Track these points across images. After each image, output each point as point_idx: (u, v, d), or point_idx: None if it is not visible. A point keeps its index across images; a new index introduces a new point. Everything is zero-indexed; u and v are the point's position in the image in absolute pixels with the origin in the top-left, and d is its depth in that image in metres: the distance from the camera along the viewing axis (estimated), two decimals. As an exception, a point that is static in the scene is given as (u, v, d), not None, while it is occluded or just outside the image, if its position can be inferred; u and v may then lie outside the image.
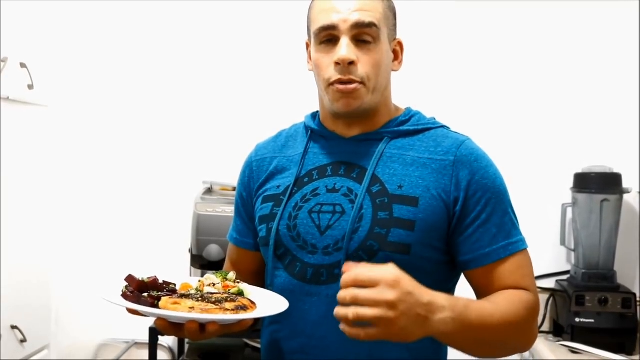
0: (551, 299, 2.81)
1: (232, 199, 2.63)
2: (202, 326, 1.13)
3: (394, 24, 1.35)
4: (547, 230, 2.84)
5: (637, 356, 2.50)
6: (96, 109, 3.03)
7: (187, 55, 2.99)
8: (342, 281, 1.05)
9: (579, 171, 2.76)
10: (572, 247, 2.82)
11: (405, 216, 1.25)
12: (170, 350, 2.99)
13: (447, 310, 1.09)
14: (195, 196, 2.70)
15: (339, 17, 1.26)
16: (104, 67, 3.01)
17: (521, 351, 1.33)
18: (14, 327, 2.62)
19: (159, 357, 2.60)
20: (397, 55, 1.37)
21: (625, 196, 2.74)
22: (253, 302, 1.20)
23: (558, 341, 2.61)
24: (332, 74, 1.28)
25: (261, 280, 1.41)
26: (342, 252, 1.26)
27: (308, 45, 1.39)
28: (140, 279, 1.22)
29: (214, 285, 1.26)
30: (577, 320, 2.56)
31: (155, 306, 1.16)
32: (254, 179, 1.45)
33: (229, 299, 1.18)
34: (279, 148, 1.45)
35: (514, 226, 1.30)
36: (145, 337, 2.57)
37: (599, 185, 2.69)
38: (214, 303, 1.15)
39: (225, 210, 2.53)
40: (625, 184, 2.71)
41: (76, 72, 3.02)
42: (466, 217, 1.27)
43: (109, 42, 3.01)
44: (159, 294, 1.19)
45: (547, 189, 2.86)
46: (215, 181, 2.80)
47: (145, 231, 3.00)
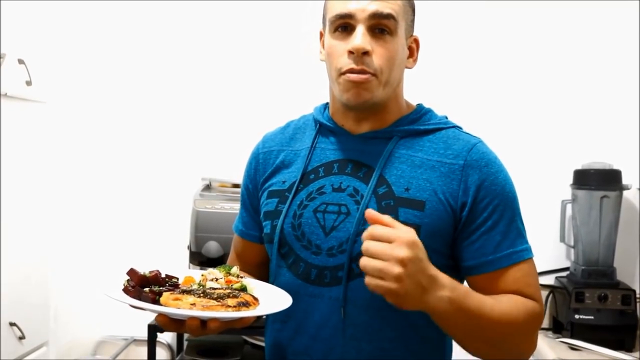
0: (551, 296, 2.81)
1: (231, 195, 2.64)
2: (204, 322, 1.11)
3: (412, 20, 1.33)
4: (547, 227, 2.84)
5: (637, 353, 2.50)
6: (94, 105, 3.02)
7: (186, 53, 2.98)
8: (363, 235, 1.07)
9: (579, 168, 2.75)
10: (572, 243, 2.82)
11: (411, 220, 1.22)
12: (169, 347, 2.99)
13: (447, 290, 1.10)
14: (194, 193, 2.70)
15: (357, 6, 1.23)
16: (102, 63, 3.01)
17: (517, 358, 1.28)
18: (12, 324, 2.61)
19: (157, 354, 2.60)
20: (413, 52, 1.35)
21: (625, 193, 2.73)
22: (256, 298, 1.18)
23: (558, 338, 2.61)
24: (344, 63, 1.25)
25: (266, 272, 1.39)
26: (345, 254, 1.24)
27: (322, 35, 1.35)
28: (142, 274, 1.20)
29: (216, 280, 1.24)
30: (576, 317, 2.56)
31: (157, 302, 1.14)
32: (260, 171, 1.42)
33: (231, 295, 1.16)
34: (287, 140, 1.42)
35: (520, 235, 1.27)
36: (144, 334, 2.57)
37: (598, 181, 2.69)
38: (215, 299, 1.13)
39: (224, 207, 2.53)
40: (625, 181, 2.71)
41: (74, 69, 3.01)
42: (472, 222, 1.25)
43: (108, 38, 3.00)
44: (161, 289, 1.17)
45: (546, 185, 2.85)
46: (214, 178, 2.79)
47: (144, 228, 2.99)
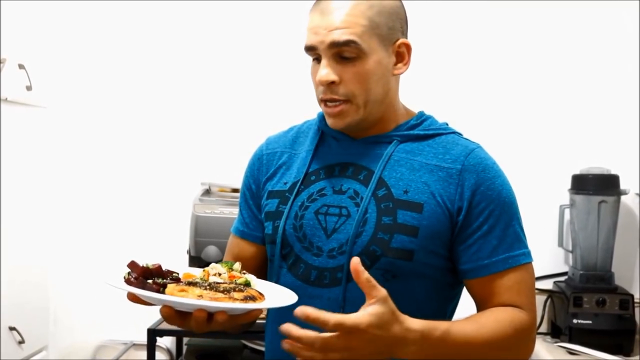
0: (549, 300, 2.82)
1: (230, 200, 2.65)
2: (210, 316, 1.10)
3: (390, 27, 1.29)
4: (545, 232, 2.85)
5: (635, 357, 2.50)
6: (95, 110, 3.03)
7: (186, 58, 2.99)
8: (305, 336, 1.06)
9: (577, 172, 2.76)
10: (570, 248, 2.82)
11: (409, 222, 1.24)
12: (169, 351, 2.99)
13: (415, 345, 1.11)
14: (193, 197, 2.71)
15: (317, 39, 1.25)
16: (102, 68, 3.02)
17: None
18: (12, 329, 2.62)
19: (157, 358, 2.60)
20: (402, 57, 1.32)
21: (623, 197, 2.74)
22: (261, 294, 1.17)
23: (556, 342, 2.62)
24: (319, 92, 1.30)
25: (262, 277, 1.38)
26: (344, 255, 1.25)
27: None
28: (144, 265, 1.18)
29: (219, 275, 1.22)
30: (574, 321, 2.57)
31: (162, 293, 1.12)
32: (263, 171, 1.43)
33: (236, 289, 1.14)
34: (290, 143, 1.43)
35: (517, 239, 1.27)
36: (144, 338, 2.57)
37: (596, 186, 2.70)
38: (222, 292, 1.12)
39: (223, 211, 2.54)
40: (622, 186, 2.71)
41: (75, 74, 3.02)
42: (468, 227, 1.26)
43: (108, 43, 3.01)
44: (164, 281, 1.15)
45: (544, 190, 2.86)
46: (214, 182, 2.80)
47: (143, 232, 3.00)
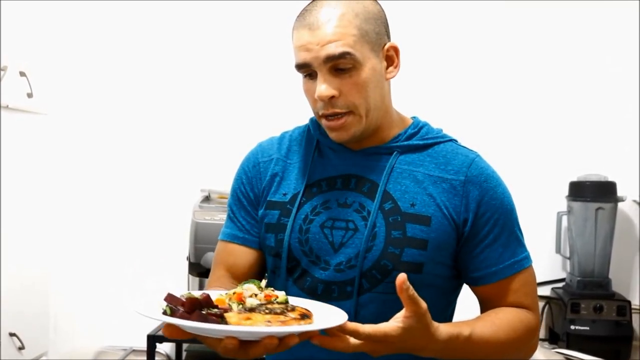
0: (547, 307, 2.83)
1: (229, 206, 2.65)
2: (279, 340, 1.04)
3: (377, 32, 1.27)
4: (543, 238, 2.86)
5: (632, 363, 2.52)
6: (95, 117, 3.05)
7: (185, 64, 3.01)
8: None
9: (574, 179, 2.78)
10: (568, 255, 2.83)
11: (418, 235, 1.25)
12: (168, 357, 2.99)
13: (436, 351, 1.16)
14: (193, 204, 2.72)
15: (310, 55, 1.23)
16: (102, 75, 3.04)
17: None
18: (12, 335, 2.62)
19: (156, 364, 2.61)
20: (392, 60, 1.30)
21: (620, 204, 2.76)
22: (308, 311, 1.11)
23: (553, 348, 2.62)
24: (318, 107, 1.27)
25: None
26: (355, 270, 1.26)
27: None
28: (188, 296, 1.07)
29: (255, 295, 1.13)
30: (572, 327, 2.58)
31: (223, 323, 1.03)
32: (260, 180, 1.40)
33: (288, 309, 1.08)
34: (284, 152, 1.41)
35: (519, 243, 1.32)
36: (143, 344, 2.58)
37: (594, 193, 2.71)
38: (280, 314, 1.05)
39: (223, 218, 2.53)
40: (620, 193, 2.73)
41: (75, 81, 3.04)
42: (474, 237, 1.28)
43: (108, 51, 3.03)
44: (216, 310, 1.06)
45: (542, 197, 2.87)
46: (213, 189, 2.81)
47: (143, 239, 3.01)
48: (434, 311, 1.17)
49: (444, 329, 1.16)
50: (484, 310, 1.33)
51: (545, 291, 2.85)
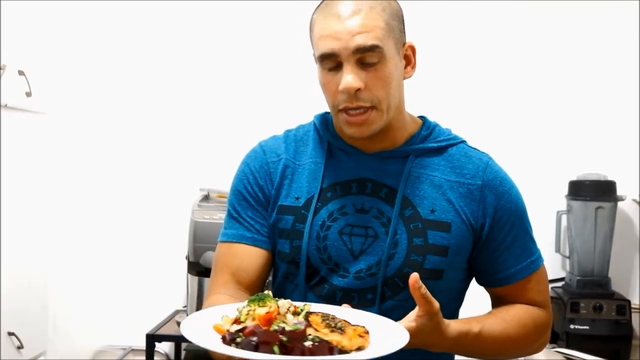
0: (546, 306, 2.82)
1: (229, 206, 2.64)
2: None
3: (400, 30, 1.26)
4: (542, 238, 2.78)
5: (632, 363, 2.52)
6: (94, 116, 3.04)
7: (185, 64, 3.01)
8: None
9: (574, 179, 2.77)
10: (567, 254, 2.83)
11: (440, 242, 1.25)
12: (167, 357, 2.99)
13: (445, 347, 1.19)
14: (192, 203, 2.71)
15: (340, 45, 1.18)
16: (102, 74, 3.03)
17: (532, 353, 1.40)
18: (11, 334, 2.62)
19: (155, 363, 2.61)
20: (410, 59, 1.29)
21: (620, 203, 2.75)
22: (364, 327, 1.05)
23: (553, 348, 2.62)
24: (339, 100, 1.22)
25: (261, 290, 1.24)
26: (375, 277, 1.24)
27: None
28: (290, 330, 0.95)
29: (288, 309, 1.03)
30: (572, 327, 2.58)
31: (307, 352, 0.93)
32: (271, 181, 1.34)
33: (339, 325, 1.02)
34: (291, 153, 1.35)
35: (533, 242, 1.35)
36: (142, 344, 2.57)
37: (593, 192, 2.71)
38: (340, 332, 1.00)
39: (222, 217, 2.53)
40: (619, 192, 2.73)
41: (74, 80, 3.04)
42: (492, 241, 1.29)
43: (107, 50, 3.03)
44: (315, 337, 0.97)
45: (542, 196, 2.86)
46: (212, 188, 2.80)
47: (142, 238, 3.00)
48: (445, 312, 1.18)
49: (454, 326, 1.17)
50: (496, 306, 1.35)
51: (544, 290, 2.85)
